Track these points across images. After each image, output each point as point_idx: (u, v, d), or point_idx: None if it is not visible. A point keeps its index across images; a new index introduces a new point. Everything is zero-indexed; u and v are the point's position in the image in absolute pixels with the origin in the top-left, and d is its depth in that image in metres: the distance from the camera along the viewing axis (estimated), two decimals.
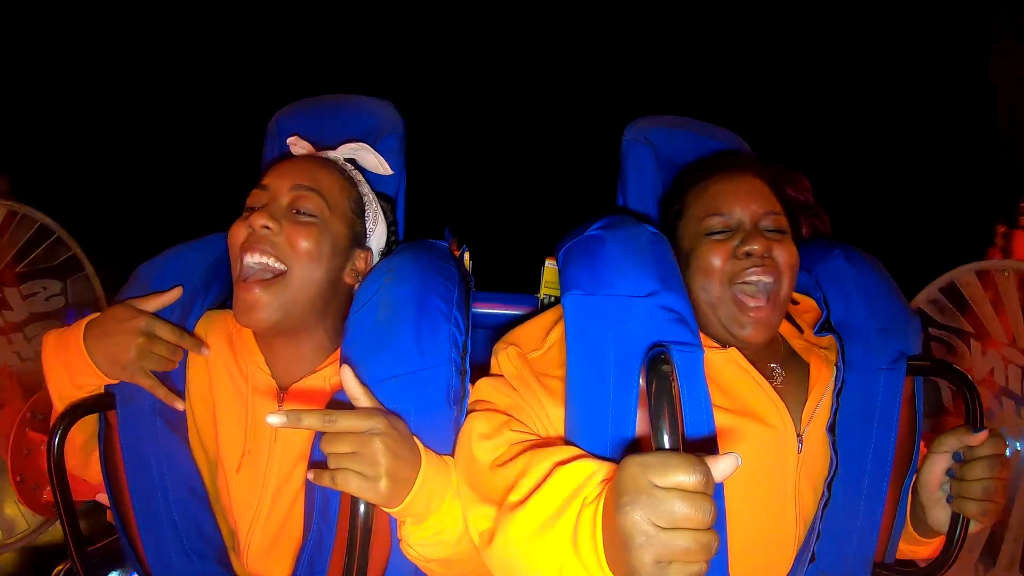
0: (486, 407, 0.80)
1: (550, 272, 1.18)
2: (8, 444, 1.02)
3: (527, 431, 0.77)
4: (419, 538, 0.75)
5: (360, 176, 0.98)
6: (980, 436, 0.78)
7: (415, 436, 0.73)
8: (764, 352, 0.89)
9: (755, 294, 0.84)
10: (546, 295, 1.22)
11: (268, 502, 0.89)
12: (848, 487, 0.84)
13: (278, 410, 0.62)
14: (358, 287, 0.91)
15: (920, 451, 0.88)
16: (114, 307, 0.86)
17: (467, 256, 1.09)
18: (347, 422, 0.66)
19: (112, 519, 0.92)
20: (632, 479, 0.51)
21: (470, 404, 0.83)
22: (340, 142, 1.02)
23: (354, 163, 1.01)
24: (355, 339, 0.81)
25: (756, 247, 0.83)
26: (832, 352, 0.90)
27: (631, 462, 0.52)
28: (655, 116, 1.15)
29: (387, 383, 0.77)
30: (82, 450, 0.92)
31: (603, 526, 0.56)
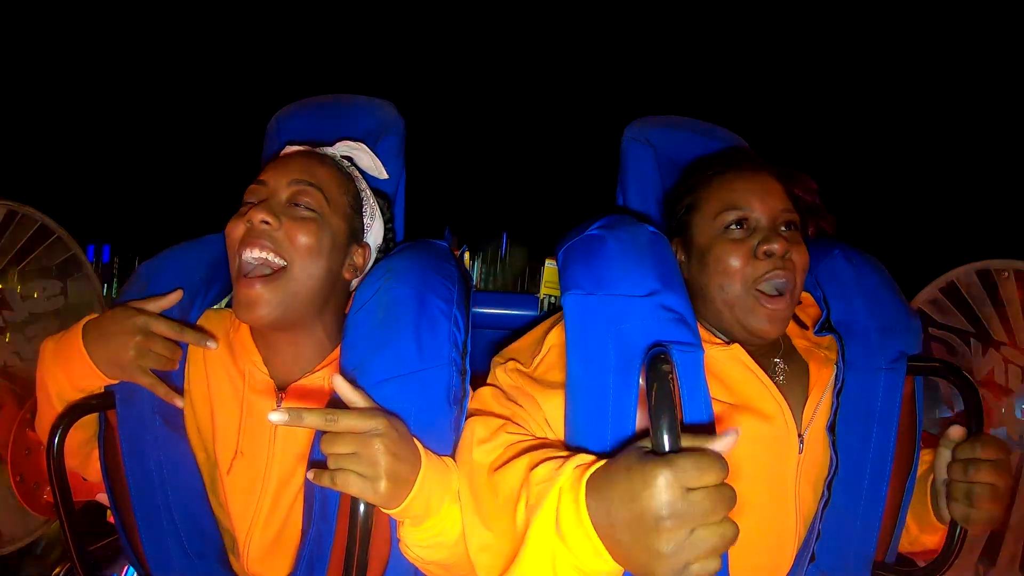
0: (485, 413, 0.81)
1: (550, 272, 1.18)
2: (8, 444, 1.02)
3: (524, 433, 0.77)
4: (418, 539, 0.75)
5: (357, 172, 0.98)
6: (955, 431, 0.80)
7: (415, 437, 0.73)
8: (767, 348, 0.89)
9: (773, 293, 0.85)
10: (546, 295, 1.22)
11: (268, 503, 0.88)
12: (848, 487, 0.84)
13: (278, 408, 0.62)
14: (357, 286, 0.90)
15: (920, 451, 0.88)
16: (113, 308, 0.86)
17: (467, 256, 1.09)
18: (348, 422, 0.66)
19: (112, 519, 0.92)
20: (667, 487, 0.51)
21: (470, 410, 0.83)
22: (339, 142, 1.02)
23: (350, 161, 1.01)
24: (355, 340, 0.81)
25: (776, 247, 0.83)
26: (832, 352, 0.90)
27: (660, 468, 0.52)
28: (655, 116, 1.15)
29: (387, 384, 0.77)
30: (81, 450, 0.92)
31: (594, 510, 0.56)
